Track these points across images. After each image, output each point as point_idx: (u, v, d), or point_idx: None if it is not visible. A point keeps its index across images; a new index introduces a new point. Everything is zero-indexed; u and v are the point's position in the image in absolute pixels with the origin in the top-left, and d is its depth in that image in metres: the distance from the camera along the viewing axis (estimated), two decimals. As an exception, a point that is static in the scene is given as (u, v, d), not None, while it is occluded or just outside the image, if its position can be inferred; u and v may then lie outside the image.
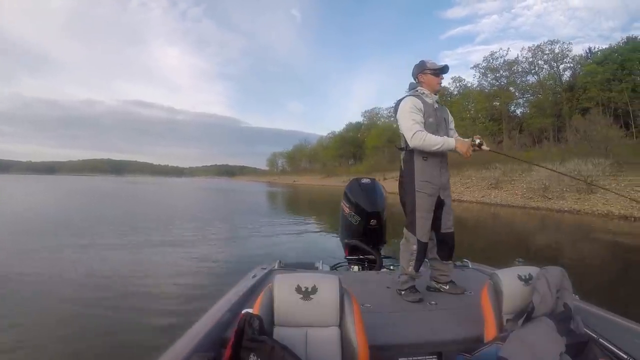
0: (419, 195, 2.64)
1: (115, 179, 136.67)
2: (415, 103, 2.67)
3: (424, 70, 2.79)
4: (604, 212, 18.25)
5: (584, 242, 12.43)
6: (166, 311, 4.78)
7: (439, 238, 2.78)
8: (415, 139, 2.57)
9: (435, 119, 2.72)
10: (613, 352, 1.61)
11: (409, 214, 2.70)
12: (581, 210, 19.56)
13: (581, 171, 21.77)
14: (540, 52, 47.33)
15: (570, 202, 21.12)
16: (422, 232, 2.63)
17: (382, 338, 1.88)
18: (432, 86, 2.79)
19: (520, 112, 49.44)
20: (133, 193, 38.59)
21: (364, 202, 3.75)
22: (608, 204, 18.94)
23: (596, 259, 9.60)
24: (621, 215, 17.30)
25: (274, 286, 1.63)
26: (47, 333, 4.11)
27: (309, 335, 1.57)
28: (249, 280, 2.78)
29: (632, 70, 38.30)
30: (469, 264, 3.50)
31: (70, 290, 5.59)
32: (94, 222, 13.39)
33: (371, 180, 4.02)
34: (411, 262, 2.62)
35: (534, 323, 1.60)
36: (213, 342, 1.70)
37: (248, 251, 8.99)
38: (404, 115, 2.67)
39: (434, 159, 2.68)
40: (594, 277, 7.15)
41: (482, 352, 1.58)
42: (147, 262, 7.51)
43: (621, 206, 18.07)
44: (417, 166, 2.68)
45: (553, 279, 1.71)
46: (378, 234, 3.80)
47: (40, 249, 8.26)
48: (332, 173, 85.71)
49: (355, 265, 3.81)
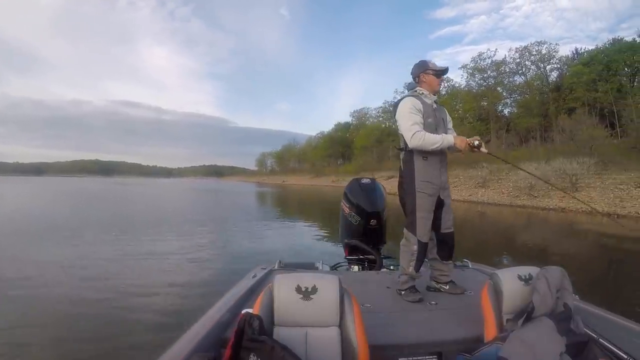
0: (419, 195, 2.64)
1: (103, 180, 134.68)
2: (415, 104, 2.67)
3: (426, 70, 2.78)
4: (588, 210, 18.44)
5: (569, 238, 12.91)
6: (162, 313, 4.78)
7: (439, 238, 2.78)
8: (414, 139, 2.57)
9: (434, 119, 2.72)
10: (613, 352, 1.61)
11: (409, 215, 2.69)
12: (566, 208, 20.02)
13: (566, 170, 22.54)
14: (527, 53, 47.99)
15: (556, 200, 21.56)
16: (423, 232, 2.62)
17: (382, 338, 1.88)
18: (432, 87, 2.79)
19: (508, 112, 50.12)
20: (124, 195, 38.12)
21: (364, 202, 3.75)
22: (592, 202, 19.40)
23: (581, 254, 9.93)
24: (605, 212, 17.64)
25: (274, 286, 1.63)
26: (42, 335, 4.11)
27: (309, 335, 1.57)
28: (249, 280, 2.78)
29: (617, 71, 39.09)
30: (469, 264, 3.51)
31: (69, 291, 5.58)
32: (92, 224, 13.34)
33: (371, 180, 4.02)
34: (411, 263, 2.62)
35: (534, 323, 1.60)
36: (213, 342, 1.70)
37: (243, 253, 8.96)
38: (404, 116, 2.66)
39: (434, 159, 2.68)
40: (580, 273, 7.22)
41: (482, 352, 1.59)
42: (139, 266, 7.42)
43: (605, 204, 18.74)
44: (417, 166, 2.67)
45: (553, 279, 1.72)
46: (378, 234, 3.80)
47: (35, 252, 8.22)
48: (321, 173, 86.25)
49: (355, 265, 3.82)
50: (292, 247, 9.90)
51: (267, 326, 1.50)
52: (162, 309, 4.90)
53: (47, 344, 3.89)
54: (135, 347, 3.80)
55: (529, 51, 47.79)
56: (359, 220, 3.75)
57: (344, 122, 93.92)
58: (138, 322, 4.47)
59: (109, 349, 3.81)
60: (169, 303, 5.19)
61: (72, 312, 4.80)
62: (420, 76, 2.81)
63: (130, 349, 3.80)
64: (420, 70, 2.80)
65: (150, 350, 2.37)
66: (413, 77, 2.87)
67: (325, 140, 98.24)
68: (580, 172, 22.57)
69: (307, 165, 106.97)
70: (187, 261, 7.83)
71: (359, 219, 3.75)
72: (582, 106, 38.09)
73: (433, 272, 2.82)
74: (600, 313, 2.07)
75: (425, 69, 2.79)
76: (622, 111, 34.62)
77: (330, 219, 14.55)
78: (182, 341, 1.68)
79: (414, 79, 2.86)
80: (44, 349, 3.82)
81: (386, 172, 56.21)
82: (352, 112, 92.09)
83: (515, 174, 27.10)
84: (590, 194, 20.29)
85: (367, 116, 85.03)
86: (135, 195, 37.82)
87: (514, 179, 26.66)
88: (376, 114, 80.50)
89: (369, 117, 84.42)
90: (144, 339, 4.00)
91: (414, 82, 2.86)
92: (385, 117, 75.38)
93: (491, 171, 30.37)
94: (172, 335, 1.80)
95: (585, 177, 22.54)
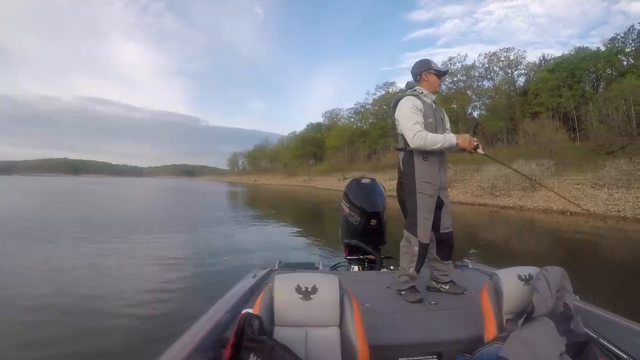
0: (420, 196, 2.59)
1: (74, 180, 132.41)
2: (415, 103, 2.62)
3: (429, 70, 2.75)
4: (544, 208, 20.31)
5: (531, 233, 14.42)
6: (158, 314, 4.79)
7: (439, 238, 2.75)
8: (416, 138, 2.51)
9: (434, 119, 2.67)
10: (613, 352, 1.63)
11: (409, 216, 2.65)
12: (524, 206, 21.47)
13: (525, 171, 23.15)
14: (496, 59, 49.63)
15: (515, 199, 23.13)
16: (424, 233, 2.58)
17: (382, 338, 1.87)
18: (433, 87, 2.76)
19: (477, 114, 51.27)
20: (97, 195, 36.04)
21: (364, 202, 3.73)
22: (549, 201, 20.80)
23: (540, 245, 11.37)
24: (559, 210, 19.25)
25: (274, 286, 1.62)
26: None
27: (309, 335, 1.55)
28: (249, 280, 2.77)
29: (581, 78, 41.47)
30: (468, 264, 3.50)
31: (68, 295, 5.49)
32: (76, 224, 12.91)
33: (371, 180, 4.00)
34: (412, 264, 2.58)
35: (534, 323, 1.59)
36: (213, 342, 1.69)
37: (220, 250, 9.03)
38: (404, 115, 2.60)
39: (433, 159, 2.64)
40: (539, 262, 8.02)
41: (482, 352, 1.59)
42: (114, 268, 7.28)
43: (560, 203, 19.73)
44: (417, 167, 2.62)
45: (553, 279, 1.70)
46: (378, 234, 3.79)
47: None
48: (292, 173, 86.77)
49: (355, 265, 3.81)
50: (282, 244, 10.32)
51: (267, 326, 1.49)
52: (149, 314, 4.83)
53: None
54: (132, 350, 3.80)
55: (498, 57, 49.90)
56: (359, 220, 3.73)
57: (316, 123, 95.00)
58: (123, 331, 4.37)
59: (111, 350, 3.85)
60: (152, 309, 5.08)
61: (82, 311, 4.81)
62: (422, 75, 2.76)
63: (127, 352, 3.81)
64: (423, 69, 2.76)
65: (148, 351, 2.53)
66: (413, 76, 2.82)
67: (297, 140, 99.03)
68: (539, 173, 23.65)
69: (279, 165, 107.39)
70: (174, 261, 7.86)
71: (359, 219, 3.73)
72: (547, 110, 40.49)
73: (433, 272, 2.79)
74: (600, 313, 2.07)
75: (427, 68, 2.75)
76: (582, 116, 36.02)
77: (302, 216, 16.53)
78: (182, 341, 1.67)
79: (414, 77, 2.81)
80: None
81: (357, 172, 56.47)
82: (325, 113, 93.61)
83: (479, 174, 27.83)
84: (547, 193, 21.20)
85: (339, 117, 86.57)
86: (110, 197, 35.25)
87: (478, 179, 28.03)
88: (348, 114, 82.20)
89: (340, 117, 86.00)
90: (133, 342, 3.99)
91: (413, 80, 2.81)
92: (357, 118, 76.10)
93: (457, 172, 31.25)
94: (165, 338, 1.80)
95: (544, 177, 23.58)
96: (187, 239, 11.01)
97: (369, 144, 68.32)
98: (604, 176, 21.16)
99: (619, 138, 28.41)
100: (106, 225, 12.91)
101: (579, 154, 28.21)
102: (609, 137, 29.04)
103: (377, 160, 60.66)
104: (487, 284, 1.85)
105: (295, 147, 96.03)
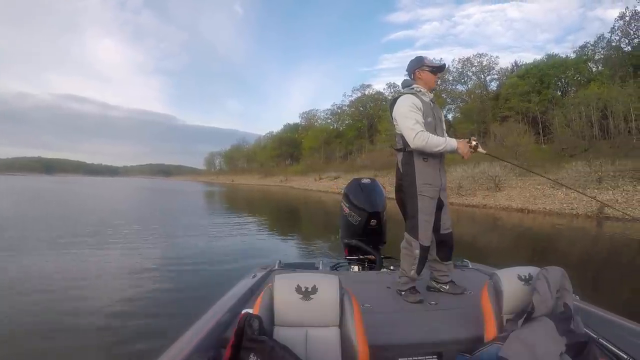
0: (421, 198, 2.55)
1: (50, 179, 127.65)
2: (414, 101, 2.55)
3: (422, 67, 2.67)
4: (505, 206, 21.99)
5: (494, 228, 15.93)
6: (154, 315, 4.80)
7: (439, 239, 2.72)
8: (417, 139, 2.45)
9: (433, 118, 2.62)
10: (613, 352, 1.63)
11: (410, 218, 2.60)
12: (487, 205, 23.09)
13: (489, 173, 25.82)
14: (469, 64, 50.52)
15: (479, 198, 24.61)
16: (425, 235, 2.55)
17: (382, 338, 1.86)
18: (429, 84, 2.68)
19: (452, 116, 52.08)
20: (72, 195, 34.94)
21: (364, 202, 3.72)
22: (510, 200, 22.69)
23: (502, 237, 12.93)
24: (518, 208, 20.98)
25: (274, 286, 1.61)
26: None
27: (309, 335, 1.55)
28: (249, 280, 2.76)
29: (549, 84, 43.41)
30: (468, 264, 3.50)
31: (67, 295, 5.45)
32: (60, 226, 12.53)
33: (371, 180, 3.99)
34: (413, 267, 2.55)
35: (534, 323, 1.59)
36: (213, 342, 1.69)
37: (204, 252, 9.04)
38: (404, 115, 2.53)
39: (433, 160, 2.60)
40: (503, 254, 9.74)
41: (482, 352, 1.59)
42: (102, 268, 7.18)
43: (520, 201, 21.76)
44: (417, 168, 2.57)
45: (553, 279, 1.70)
46: (378, 234, 3.77)
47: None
48: (269, 173, 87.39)
49: (355, 265, 3.80)
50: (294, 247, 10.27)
51: (267, 326, 1.49)
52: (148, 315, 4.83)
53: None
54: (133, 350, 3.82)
55: (471, 62, 50.72)
56: (359, 220, 3.72)
57: (293, 123, 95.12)
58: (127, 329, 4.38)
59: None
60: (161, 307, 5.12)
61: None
62: (415, 72, 2.70)
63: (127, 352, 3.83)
64: (416, 66, 2.69)
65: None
66: (408, 74, 2.75)
67: (274, 140, 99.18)
68: (503, 175, 25.33)
69: (256, 165, 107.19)
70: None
71: (359, 219, 3.72)
72: (516, 115, 41.93)
73: (433, 273, 2.77)
74: (600, 313, 2.07)
75: (421, 65, 2.67)
76: (549, 120, 37.21)
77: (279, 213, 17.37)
78: (182, 341, 1.67)
79: (410, 75, 2.74)
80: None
81: (332, 172, 56.62)
82: (302, 114, 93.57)
83: (448, 174, 28.26)
84: (510, 193, 23.13)
85: (316, 118, 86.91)
86: (85, 197, 33.82)
87: (447, 180, 27.68)
88: (325, 115, 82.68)
89: (317, 118, 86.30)
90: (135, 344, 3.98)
91: (409, 78, 2.74)
92: (333, 119, 76.42)
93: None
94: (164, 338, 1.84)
95: (508, 178, 25.29)
96: (167, 241, 10.62)
97: (344, 145, 69.03)
98: (564, 178, 22.21)
99: (581, 142, 29.88)
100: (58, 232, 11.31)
101: (545, 156, 29.87)
102: (573, 141, 31.03)
103: (353, 161, 61.50)
104: (487, 284, 1.86)
105: (272, 147, 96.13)
